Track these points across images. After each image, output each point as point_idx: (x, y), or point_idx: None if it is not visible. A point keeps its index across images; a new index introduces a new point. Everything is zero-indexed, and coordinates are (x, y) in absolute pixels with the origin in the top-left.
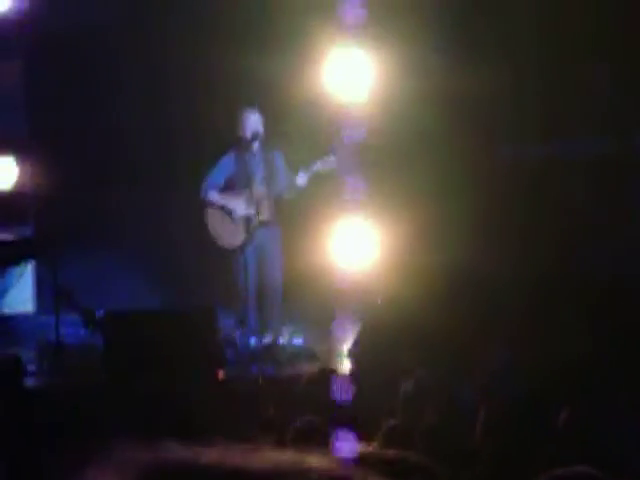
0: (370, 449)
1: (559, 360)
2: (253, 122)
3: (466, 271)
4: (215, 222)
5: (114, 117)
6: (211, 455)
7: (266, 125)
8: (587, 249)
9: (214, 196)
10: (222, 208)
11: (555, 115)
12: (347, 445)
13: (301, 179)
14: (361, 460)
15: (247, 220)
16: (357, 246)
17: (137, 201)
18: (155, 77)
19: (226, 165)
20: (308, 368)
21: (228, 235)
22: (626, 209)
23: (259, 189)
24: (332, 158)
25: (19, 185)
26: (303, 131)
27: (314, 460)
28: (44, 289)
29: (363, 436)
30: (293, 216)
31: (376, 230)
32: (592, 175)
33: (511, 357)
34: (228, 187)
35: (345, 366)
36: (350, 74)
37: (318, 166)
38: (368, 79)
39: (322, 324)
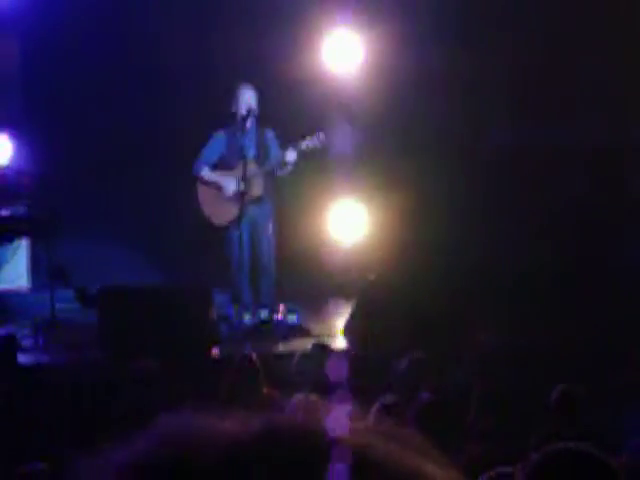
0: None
1: (547, 343)
2: (248, 98)
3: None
4: (207, 199)
5: (110, 96)
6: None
7: (260, 102)
8: (578, 235)
9: (206, 173)
10: (214, 185)
11: (550, 101)
12: (340, 421)
13: (290, 155)
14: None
15: (239, 197)
16: (349, 224)
17: (133, 179)
18: (153, 56)
19: (219, 142)
20: (302, 345)
21: (220, 212)
22: (621, 197)
23: (251, 166)
24: (321, 136)
25: (14, 162)
26: (296, 109)
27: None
28: (39, 266)
29: (356, 412)
30: (287, 194)
31: (368, 208)
32: (587, 162)
33: (501, 340)
34: (220, 164)
35: (339, 343)
36: (344, 54)
37: (307, 143)
38: (361, 59)
39: (316, 301)
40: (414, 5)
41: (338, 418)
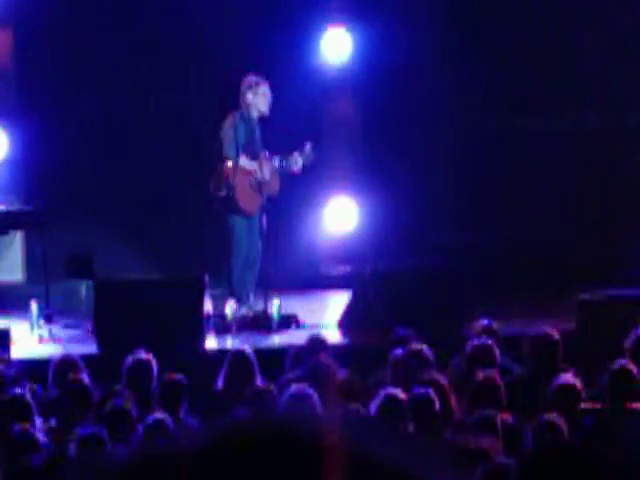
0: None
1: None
2: (269, 96)
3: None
4: (243, 186)
5: (105, 86)
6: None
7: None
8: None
9: (243, 160)
10: (250, 171)
11: (543, 88)
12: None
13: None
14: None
15: (261, 189)
16: (343, 216)
17: (129, 170)
18: (149, 45)
19: (240, 129)
20: (297, 338)
21: (251, 201)
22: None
23: (269, 161)
24: (308, 149)
25: (9, 155)
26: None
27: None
28: (33, 258)
29: (354, 403)
30: (280, 185)
31: (362, 200)
32: (578, 148)
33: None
34: (244, 152)
35: (334, 336)
36: (339, 50)
37: (296, 160)
38: (354, 51)
39: (311, 293)
40: None
41: (331, 411)
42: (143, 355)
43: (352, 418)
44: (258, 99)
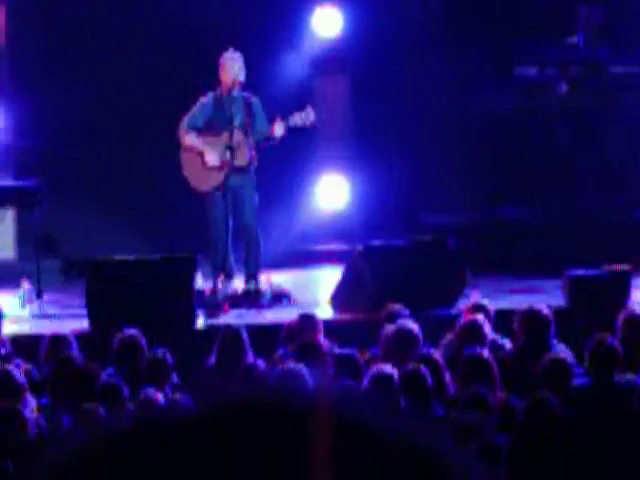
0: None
1: None
2: (235, 65)
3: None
4: (191, 164)
5: (98, 66)
6: None
7: (246, 69)
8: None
9: (192, 139)
10: (199, 151)
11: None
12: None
13: (278, 130)
14: None
15: (223, 164)
16: (335, 192)
17: (118, 148)
18: (141, 25)
19: (206, 107)
20: (288, 314)
21: (203, 177)
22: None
23: (237, 134)
24: (310, 113)
25: (2, 132)
26: (282, 80)
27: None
28: (25, 236)
29: (345, 379)
30: (271, 163)
31: (354, 177)
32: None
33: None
34: (206, 128)
35: (326, 312)
36: (330, 27)
37: (296, 120)
38: (347, 30)
39: (303, 270)
40: None
41: (323, 386)
42: (132, 332)
43: (343, 393)
44: (225, 74)
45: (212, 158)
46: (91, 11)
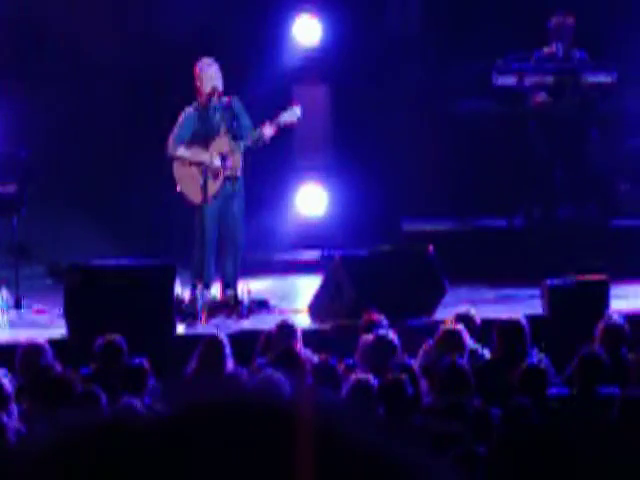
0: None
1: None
2: (214, 74)
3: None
4: (184, 177)
5: (75, 73)
6: None
7: (227, 79)
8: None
9: (183, 151)
10: (191, 163)
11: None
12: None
13: (268, 131)
14: None
15: (215, 175)
16: (314, 200)
17: (101, 156)
18: (121, 30)
19: (190, 119)
20: (267, 323)
21: (198, 190)
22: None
23: (227, 142)
24: (297, 109)
25: None
26: (261, 90)
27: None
28: (4, 243)
29: (324, 388)
30: (251, 171)
31: (333, 185)
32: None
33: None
34: (193, 141)
35: (304, 321)
36: (309, 36)
37: (285, 117)
38: (326, 39)
39: (281, 278)
40: None
41: (301, 395)
42: (113, 337)
43: (322, 401)
44: (203, 84)
45: (212, 165)
46: (64, 16)
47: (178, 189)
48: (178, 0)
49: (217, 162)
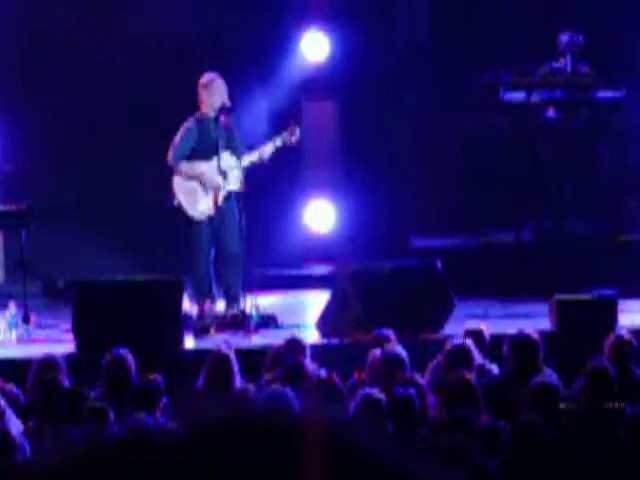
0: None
1: None
2: (224, 89)
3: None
4: (185, 192)
5: (80, 88)
6: None
7: (234, 94)
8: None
9: (184, 165)
10: (193, 178)
11: None
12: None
13: (267, 152)
14: None
15: (217, 190)
16: (323, 215)
17: (104, 170)
18: (127, 42)
19: (191, 133)
20: (275, 338)
21: (199, 205)
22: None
23: (227, 157)
24: (295, 129)
25: None
26: (269, 105)
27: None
28: (13, 259)
29: (332, 404)
30: (259, 186)
31: (341, 201)
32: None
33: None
34: (193, 155)
35: (313, 336)
36: (317, 51)
37: (283, 138)
38: (335, 54)
39: (290, 292)
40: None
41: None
42: (120, 353)
43: (330, 416)
44: (212, 98)
45: (208, 184)
46: (66, 28)
47: (175, 203)
48: (186, 13)
49: (218, 177)
